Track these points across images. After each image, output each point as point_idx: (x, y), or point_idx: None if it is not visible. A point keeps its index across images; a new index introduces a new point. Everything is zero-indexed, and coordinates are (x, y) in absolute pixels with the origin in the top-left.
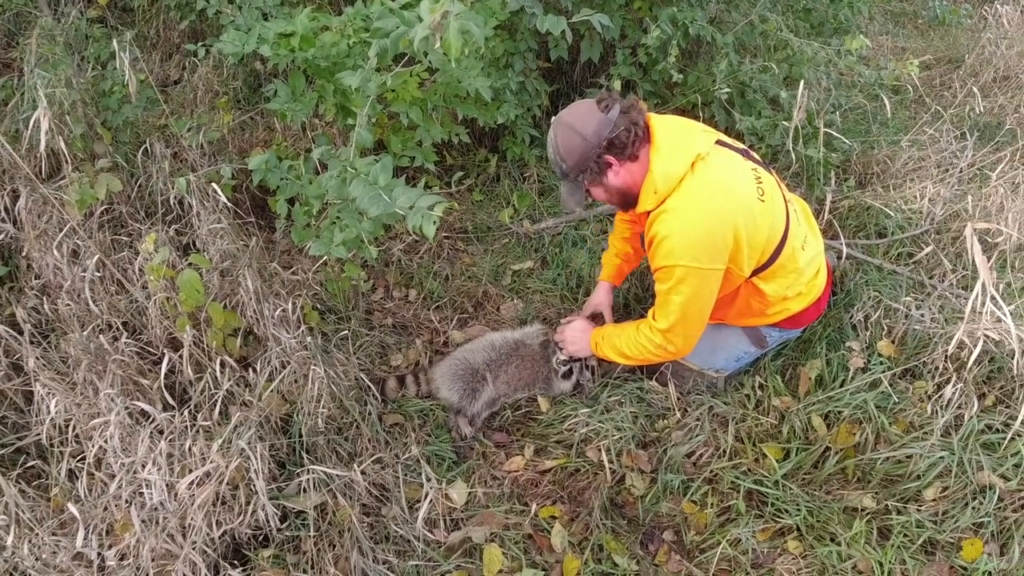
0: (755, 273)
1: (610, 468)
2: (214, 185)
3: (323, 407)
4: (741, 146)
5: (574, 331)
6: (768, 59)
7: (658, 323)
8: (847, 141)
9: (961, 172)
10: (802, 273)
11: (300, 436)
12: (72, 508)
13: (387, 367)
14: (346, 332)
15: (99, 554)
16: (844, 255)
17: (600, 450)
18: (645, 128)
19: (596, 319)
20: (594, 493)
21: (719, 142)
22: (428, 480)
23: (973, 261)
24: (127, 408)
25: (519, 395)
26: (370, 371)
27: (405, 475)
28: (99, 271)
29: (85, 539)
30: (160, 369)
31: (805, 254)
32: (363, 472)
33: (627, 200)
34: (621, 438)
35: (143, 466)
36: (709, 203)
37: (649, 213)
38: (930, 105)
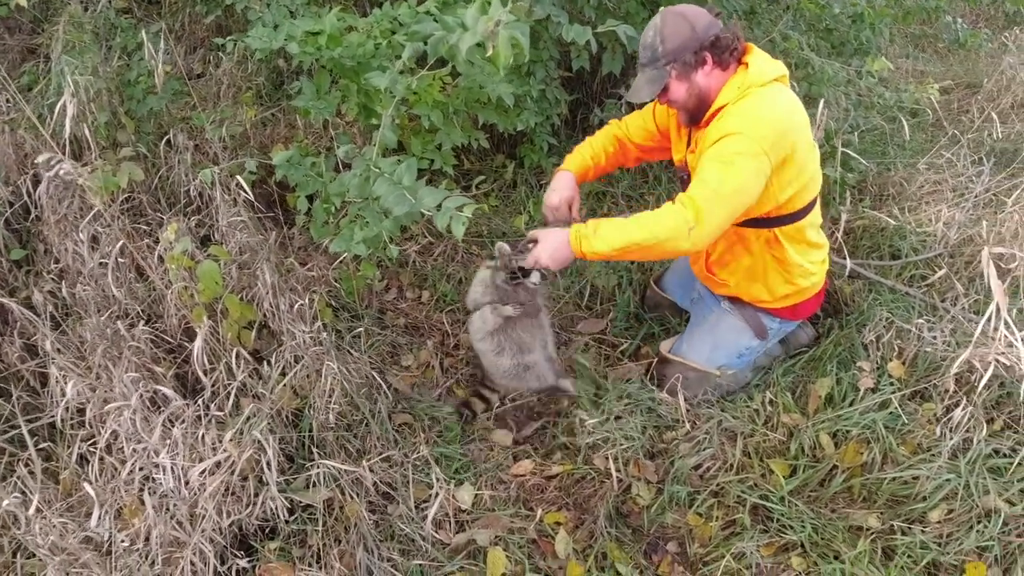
0: (784, 222)
1: (617, 477)
2: (239, 179)
3: (334, 403)
4: None
5: (553, 235)
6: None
7: (693, 192)
8: (864, 162)
9: (977, 197)
10: (819, 250)
11: (310, 430)
12: (88, 488)
13: (398, 367)
14: (359, 330)
15: (108, 537)
16: (848, 270)
17: (608, 458)
18: (743, 49)
19: None
20: (600, 501)
21: None
22: (437, 480)
23: (987, 285)
24: (143, 394)
25: (526, 337)
26: (381, 369)
27: (413, 475)
28: (120, 258)
29: (99, 520)
30: (174, 358)
31: (820, 236)
32: (371, 469)
33: (700, 106)
34: (629, 447)
35: (156, 452)
36: (780, 105)
37: (709, 122)
38: (948, 129)
